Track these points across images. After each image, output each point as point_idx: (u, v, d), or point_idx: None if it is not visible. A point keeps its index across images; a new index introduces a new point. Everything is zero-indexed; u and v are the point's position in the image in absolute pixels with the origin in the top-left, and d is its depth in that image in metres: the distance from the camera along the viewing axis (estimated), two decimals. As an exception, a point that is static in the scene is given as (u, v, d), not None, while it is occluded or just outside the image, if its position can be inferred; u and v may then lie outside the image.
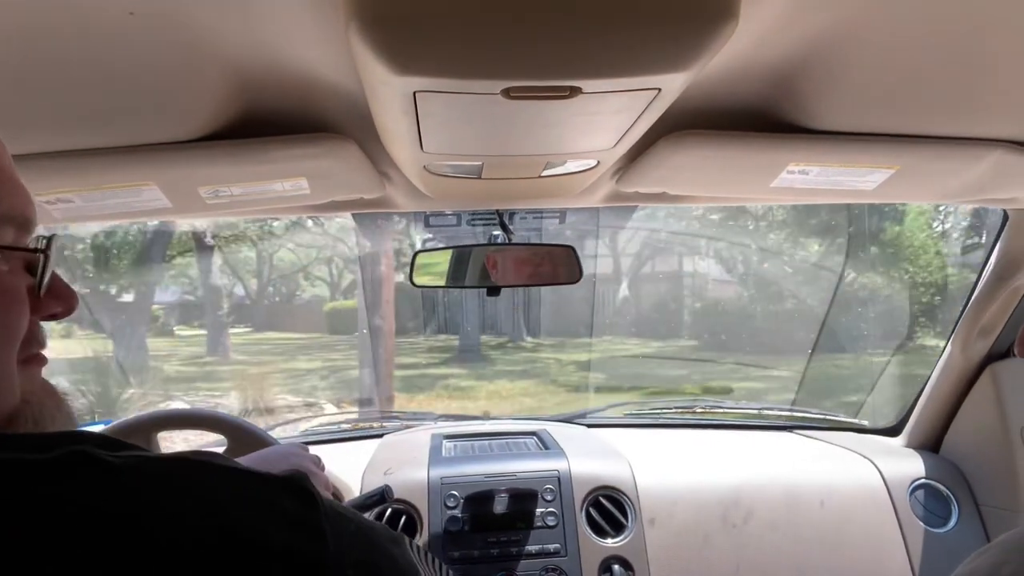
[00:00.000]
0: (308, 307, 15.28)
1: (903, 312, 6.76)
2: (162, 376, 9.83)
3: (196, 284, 12.37)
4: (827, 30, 0.74)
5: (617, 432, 2.01)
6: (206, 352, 11.54)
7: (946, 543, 1.61)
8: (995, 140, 1.03)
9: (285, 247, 13.26)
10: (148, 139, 0.94)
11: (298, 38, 0.73)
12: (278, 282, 14.96)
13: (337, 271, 15.29)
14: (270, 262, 14.08)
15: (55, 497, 0.39)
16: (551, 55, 0.64)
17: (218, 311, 12.31)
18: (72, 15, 0.65)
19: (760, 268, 9.17)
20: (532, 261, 1.49)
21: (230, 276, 12.70)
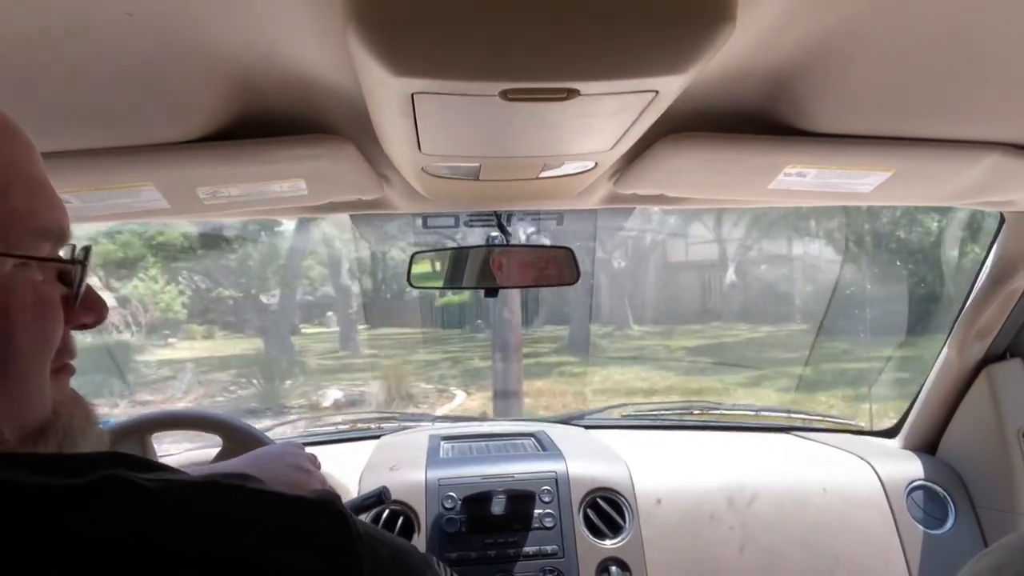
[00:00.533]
0: (419, 303, 15.88)
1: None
2: (308, 369, 11.10)
3: (316, 285, 13.46)
4: (824, 33, 0.74)
5: (615, 433, 2.01)
6: (339, 347, 12.49)
7: (943, 545, 1.62)
8: (992, 143, 1.03)
9: (397, 245, 13.73)
10: (146, 140, 0.94)
11: (296, 39, 0.73)
12: (391, 280, 15.33)
13: None
14: (383, 261, 14.60)
15: (90, 524, 0.39)
16: (549, 57, 0.65)
17: (348, 309, 13.27)
18: (70, 16, 0.65)
19: (874, 249, 8.84)
20: (530, 263, 1.49)
21: (353, 276, 13.41)
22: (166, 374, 11.33)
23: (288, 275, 12.46)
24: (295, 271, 12.62)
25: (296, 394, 9.68)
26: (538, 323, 11.87)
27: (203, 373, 11.03)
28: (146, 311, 12.90)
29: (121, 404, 9.80)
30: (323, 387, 9.67)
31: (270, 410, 9.32)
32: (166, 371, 11.57)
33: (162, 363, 12.01)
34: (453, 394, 9.52)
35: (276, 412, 9.15)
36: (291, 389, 9.77)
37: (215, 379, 10.96)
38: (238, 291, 13.32)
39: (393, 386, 9.42)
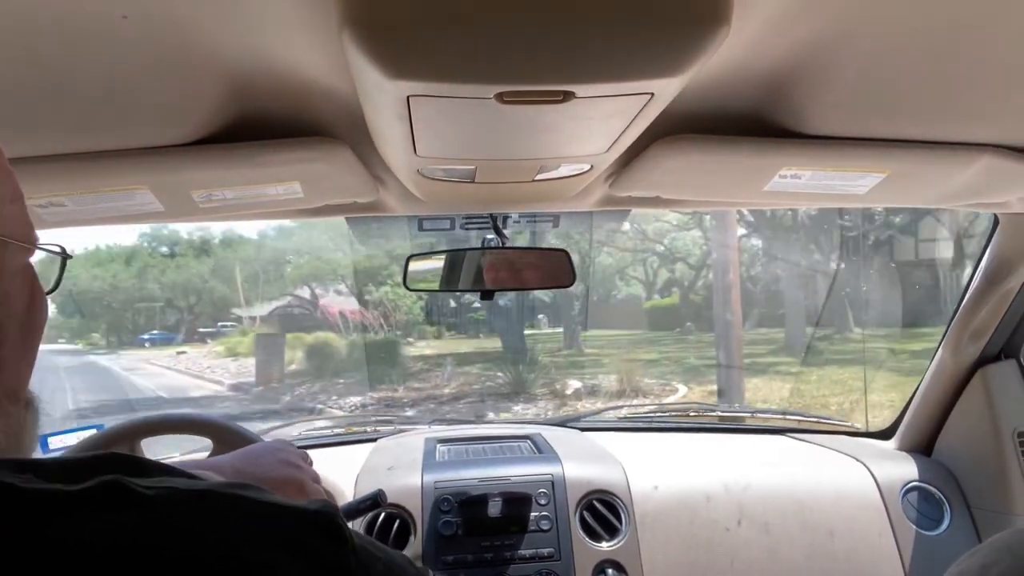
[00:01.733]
0: (626, 306, 16.81)
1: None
2: (543, 365, 12.49)
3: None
4: (818, 36, 0.75)
5: (611, 436, 2.01)
6: (563, 346, 14.19)
7: (938, 546, 1.62)
8: (985, 145, 1.04)
9: (604, 250, 15.34)
10: (141, 143, 0.94)
11: (292, 43, 0.73)
12: (598, 285, 16.57)
13: (652, 271, 17.01)
14: (592, 265, 15.65)
15: (85, 532, 0.39)
16: (544, 60, 0.65)
17: (571, 312, 14.76)
18: (64, 19, 0.65)
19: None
20: (525, 265, 1.49)
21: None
22: (423, 367, 13.38)
23: None
24: None
25: (539, 384, 11.20)
26: (750, 325, 12.31)
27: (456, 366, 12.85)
28: (393, 314, 14.97)
29: (400, 390, 11.58)
30: (564, 379, 11.17)
31: (520, 396, 10.60)
32: (421, 364, 13.65)
33: (415, 358, 14.07)
34: (676, 388, 10.23)
35: (527, 398, 10.46)
36: (534, 380, 11.29)
37: (466, 371, 12.77)
38: (457, 297, 14.62)
39: (625, 379, 10.50)
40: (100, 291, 25.83)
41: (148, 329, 25.55)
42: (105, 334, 27.29)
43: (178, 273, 24.64)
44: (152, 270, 25.83)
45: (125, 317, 26.38)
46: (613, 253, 16.07)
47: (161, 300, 25.17)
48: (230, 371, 15.88)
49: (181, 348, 21.84)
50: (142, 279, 25.03)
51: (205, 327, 22.98)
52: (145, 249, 25.78)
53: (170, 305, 25.02)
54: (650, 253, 15.90)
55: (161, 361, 20.14)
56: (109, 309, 26.32)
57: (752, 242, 13.77)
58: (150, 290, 25.18)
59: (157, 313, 25.64)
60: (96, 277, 26.12)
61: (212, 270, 22.32)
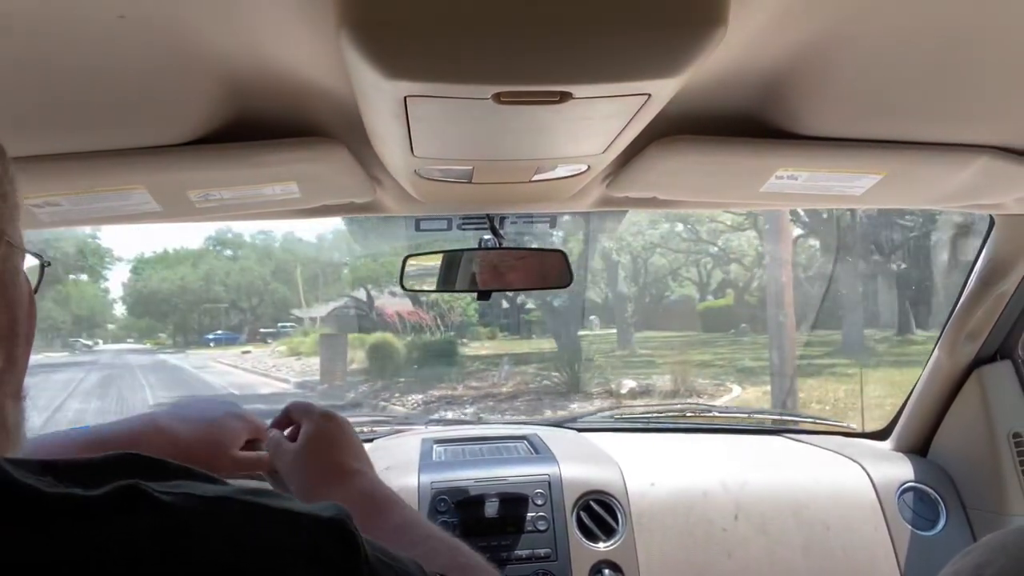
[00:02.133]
0: (679, 307, 17.07)
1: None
2: (597, 365, 12.84)
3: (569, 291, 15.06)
4: (815, 37, 0.75)
5: (607, 436, 2.01)
6: (617, 347, 14.48)
7: (934, 546, 1.62)
8: (981, 146, 1.04)
9: (657, 251, 15.68)
10: (137, 143, 0.94)
11: (289, 43, 0.73)
12: (651, 286, 16.90)
13: (706, 272, 17.26)
14: (645, 267, 16.18)
15: (105, 538, 0.39)
16: (542, 60, 0.65)
17: (624, 313, 15.21)
18: (61, 18, 0.65)
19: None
20: (522, 265, 1.49)
21: (620, 282, 15.36)
22: (479, 366, 13.85)
23: (576, 282, 14.18)
24: (580, 281, 14.43)
25: (594, 383, 11.51)
26: (807, 327, 12.34)
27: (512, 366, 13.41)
28: (448, 315, 15.70)
29: (459, 388, 11.97)
30: (619, 379, 11.38)
31: (575, 394, 10.92)
32: (478, 364, 14.14)
33: (471, 358, 14.67)
34: (730, 388, 10.46)
35: (583, 397, 10.87)
36: (589, 379, 11.62)
37: (522, 371, 13.12)
38: (511, 297, 16.00)
39: (679, 379, 10.66)
40: (168, 292, 26.89)
41: (213, 329, 26.68)
42: (172, 334, 28.40)
43: (242, 275, 25.74)
44: (217, 272, 26.78)
45: (191, 318, 27.44)
46: (666, 254, 16.23)
47: (225, 301, 26.19)
48: (295, 369, 16.48)
49: (245, 348, 22.66)
50: (208, 281, 26.05)
51: (266, 327, 23.76)
52: (211, 252, 26.17)
53: (234, 306, 26.04)
54: (704, 254, 16.01)
55: (227, 360, 20.84)
56: (176, 310, 27.32)
57: (809, 242, 13.71)
58: (215, 292, 26.18)
59: (221, 314, 26.71)
60: (165, 279, 27.28)
61: (273, 272, 22.89)
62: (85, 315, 28.20)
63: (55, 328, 26.69)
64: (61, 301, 25.40)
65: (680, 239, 15.40)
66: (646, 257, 15.62)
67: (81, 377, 17.54)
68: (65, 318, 26.78)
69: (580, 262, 14.27)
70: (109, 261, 25.35)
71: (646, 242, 14.69)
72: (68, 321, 27.23)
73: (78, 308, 26.89)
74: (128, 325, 30.54)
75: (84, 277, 25.95)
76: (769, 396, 9.58)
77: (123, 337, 30.14)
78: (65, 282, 24.51)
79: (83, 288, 26.91)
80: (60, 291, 24.72)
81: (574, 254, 14.80)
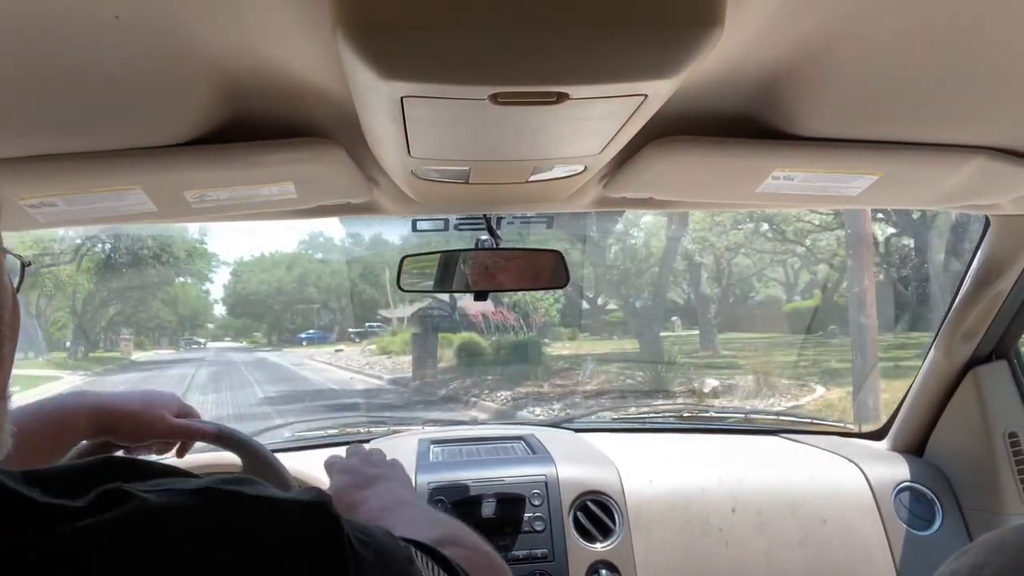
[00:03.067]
0: (764, 308, 16.98)
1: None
2: (680, 365, 12.69)
3: (651, 292, 15.53)
4: (811, 37, 0.75)
5: (604, 436, 2.01)
6: (699, 348, 14.45)
7: (930, 546, 1.63)
8: (976, 147, 1.04)
9: (741, 251, 15.42)
10: (134, 143, 0.94)
11: (285, 43, 0.73)
12: (735, 287, 16.84)
13: (792, 272, 17.05)
14: (728, 268, 16.08)
15: (101, 543, 0.39)
16: (538, 61, 0.65)
17: (707, 314, 15.02)
18: (57, 19, 0.65)
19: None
20: (519, 266, 1.49)
21: (702, 283, 15.12)
22: (563, 365, 13.93)
23: (659, 283, 14.85)
24: (663, 284, 14.89)
25: (676, 382, 11.45)
26: (902, 328, 12.24)
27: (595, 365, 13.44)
28: (532, 315, 15.84)
29: (545, 386, 12.22)
30: (702, 378, 11.38)
31: (659, 393, 10.90)
32: (561, 363, 14.16)
33: (554, 357, 14.78)
34: (813, 388, 10.42)
35: (665, 395, 10.80)
36: (672, 379, 11.61)
37: (605, 370, 13.18)
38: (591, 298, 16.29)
39: (762, 379, 10.66)
40: (265, 294, 28.45)
41: (305, 328, 28.11)
42: (267, 333, 30.10)
43: (332, 277, 26.95)
44: (310, 274, 28.12)
45: (285, 317, 28.95)
46: (750, 254, 15.96)
47: (317, 302, 27.55)
48: (386, 367, 17.21)
49: (338, 346, 23.53)
50: (301, 283, 27.55)
51: (355, 327, 24.59)
52: (305, 255, 27.07)
53: (324, 306, 27.38)
54: (791, 254, 15.70)
55: (321, 357, 21.67)
56: (271, 310, 28.88)
57: (903, 242, 13.27)
58: (308, 293, 27.59)
59: (313, 314, 28.05)
60: (262, 281, 28.82)
61: (361, 274, 23.59)
62: (188, 315, 29.61)
63: (162, 327, 28.14)
64: (169, 302, 26.65)
65: (765, 239, 15.06)
66: (729, 258, 15.39)
67: (192, 373, 18.31)
68: (171, 318, 28.09)
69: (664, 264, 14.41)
70: (215, 264, 26.45)
71: (730, 242, 14.35)
72: (174, 321, 28.61)
73: (183, 308, 28.28)
74: (226, 324, 32.38)
75: (190, 280, 27.28)
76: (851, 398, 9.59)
77: (221, 336, 32.06)
78: (174, 284, 25.71)
79: (187, 290, 28.23)
80: (169, 292, 25.92)
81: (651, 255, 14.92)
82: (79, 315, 19.99)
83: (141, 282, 21.77)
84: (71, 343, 20.34)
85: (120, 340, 23.95)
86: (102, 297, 21.20)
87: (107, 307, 22.35)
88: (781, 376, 10.99)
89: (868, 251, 9.60)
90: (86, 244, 18.29)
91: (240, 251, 59.01)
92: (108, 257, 19.22)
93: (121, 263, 19.44)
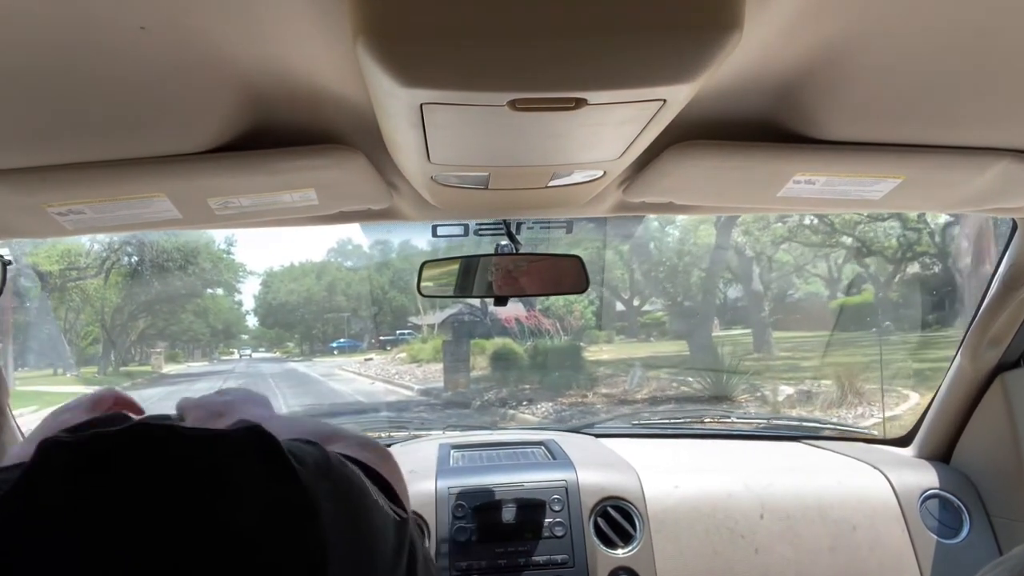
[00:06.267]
0: (807, 305, 15.88)
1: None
2: (736, 369, 11.15)
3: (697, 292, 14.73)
4: (831, 40, 0.74)
5: (625, 442, 2.01)
6: (752, 349, 13.29)
7: (957, 554, 1.60)
8: (1002, 149, 1.03)
9: (781, 248, 14.58)
10: (159, 151, 0.95)
11: (306, 52, 0.74)
12: (774, 283, 15.85)
13: (836, 266, 15.89)
14: (768, 264, 15.12)
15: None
16: (557, 67, 0.65)
17: (760, 312, 13.98)
18: (84, 30, 0.66)
19: None
20: (539, 271, 1.49)
21: (754, 280, 13.97)
22: (605, 371, 12.91)
23: (707, 280, 14.14)
24: (712, 281, 14.07)
25: (740, 389, 10.21)
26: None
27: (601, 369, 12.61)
28: (567, 318, 14.93)
29: (589, 395, 11.39)
30: (773, 384, 10.31)
31: (722, 401, 9.86)
32: (603, 369, 13.15)
33: (594, 363, 13.64)
34: (906, 395, 9.18)
35: (731, 404, 9.70)
36: (734, 385, 10.29)
37: (654, 375, 12.07)
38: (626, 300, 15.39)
39: (846, 384, 9.55)
40: (295, 304, 28.29)
41: (336, 337, 27.86)
42: (299, 343, 29.88)
43: (361, 285, 26.75)
44: (339, 283, 28.02)
45: (316, 327, 28.71)
46: (791, 250, 15.15)
47: (347, 310, 27.32)
48: (417, 376, 16.30)
49: (368, 355, 22.94)
50: (331, 291, 27.29)
51: (386, 335, 24.25)
52: (334, 264, 27.40)
53: (355, 315, 27.10)
54: (837, 247, 14.61)
55: (351, 367, 21.06)
56: (302, 320, 28.68)
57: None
58: (337, 301, 27.32)
59: (344, 322, 27.82)
60: (292, 291, 28.61)
61: (391, 281, 23.69)
62: (221, 327, 29.56)
63: (196, 339, 28.12)
64: (201, 313, 26.52)
65: (809, 231, 14.04)
66: (770, 253, 14.62)
67: (218, 386, 17.83)
68: (204, 330, 28.00)
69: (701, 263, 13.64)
70: (243, 275, 26.39)
71: (774, 236, 13.54)
72: (207, 333, 28.50)
73: (215, 320, 28.12)
74: (259, 335, 32.24)
75: (220, 291, 27.17)
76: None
77: (255, 347, 31.99)
78: (203, 296, 25.65)
79: (219, 301, 28.14)
80: (199, 304, 25.84)
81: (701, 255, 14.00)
82: (108, 329, 20.01)
83: (169, 294, 21.74)
84: (101, 357, 20.31)
85: (151, 354, 23.93)
86: (130, 310, 21.24)
87: (136, 320, 22.38)
88: (865, 380, 9.75)
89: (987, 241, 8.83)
90: (111, 257, 18.29)
91: (267, 260, 59.28)
92: (135, 269, 19.17)
93: (148, 275, 19.41)
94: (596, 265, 13.66)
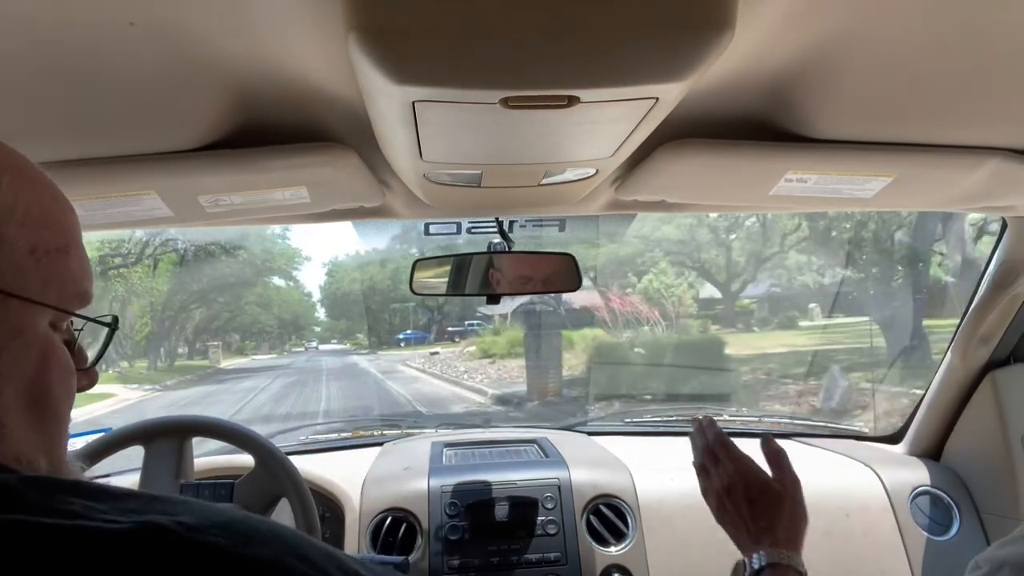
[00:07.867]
0: (911, 289, 13.44)
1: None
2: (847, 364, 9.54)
3: (784, 275, 13.08)
4: (823, 40, 0.75)
5: (617, 440, 2.01)
6: None
7: (948, 551, 1.61)
8: (992, 148, 1.04)
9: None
10: (149, 149, 0.95)
11: (298, 49, 0.74)
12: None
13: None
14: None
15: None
16: (549, 65, 0.65)
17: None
18: (73, 26, 0.66)
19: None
20: (532, 269, 1.49)
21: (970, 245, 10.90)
22: (746, 372, 10.39)
23: (915, 258, 10.61)
24: (921, 258, 10.59)
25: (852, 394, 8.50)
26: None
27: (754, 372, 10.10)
28: (670, 307, 12.67)
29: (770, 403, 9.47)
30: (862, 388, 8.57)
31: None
32: (756, 367, 10.46)
33: (738, 360, 10.99)
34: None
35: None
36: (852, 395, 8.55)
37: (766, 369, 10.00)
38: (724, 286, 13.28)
39: None
40: (359, 293, 27.45)
41: (403, 328, 27.01)
42: (367, 334, 28.63)
43: None
44: (404, 271, 26.41)
45: (382, 318, 27.75)
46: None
47: (413, 300, 25.50)
48: (490, 376, 14.05)
49: (434, 348, 21.75)
50: (395, 280, 25.93)
51: (454, 326, 23.44)
52: (397, 251, 26.82)
53: (422, 305, 25.86)
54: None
55: (415, 363, 19.33)
56: (368, 311, 27.79)
57: None
58: (403, 291, 25.71)
59: (410, 313, 26.99)
60: (355, 280, 27.74)
61: None
62: (289, 318, 28.63)
63: (264, 332, 27.41)
64: (265, 305, 25.74)
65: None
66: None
67: (265, 385, 16.60)
68: (272, 322, 27.20)
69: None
70: (298, 261, 25.59)
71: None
72: (275, 325, 27.64)
73: (281, 312, 27.26)
74: (331, 327, 31.43)
75: (280, 281, 26.16)
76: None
77: (327, 338, 31.20)
78: (258, 284, 24.74)
79: (284, 293, 27.20)
80: (262, 295, 25.00)
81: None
82: (158, 321, 18.90)
83: (223, 283, 20.76)
84: (151, 351, 19.22)
85: (209, 347, 23.00)
86: (182, 300, 20.15)
87: (190, 311, 21.12)
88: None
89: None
90: (152, 242, 16.84)
91: (328, 248, 55.74)
92: (182, 257, 17.96)
93: (197, 263, 18.26)
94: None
